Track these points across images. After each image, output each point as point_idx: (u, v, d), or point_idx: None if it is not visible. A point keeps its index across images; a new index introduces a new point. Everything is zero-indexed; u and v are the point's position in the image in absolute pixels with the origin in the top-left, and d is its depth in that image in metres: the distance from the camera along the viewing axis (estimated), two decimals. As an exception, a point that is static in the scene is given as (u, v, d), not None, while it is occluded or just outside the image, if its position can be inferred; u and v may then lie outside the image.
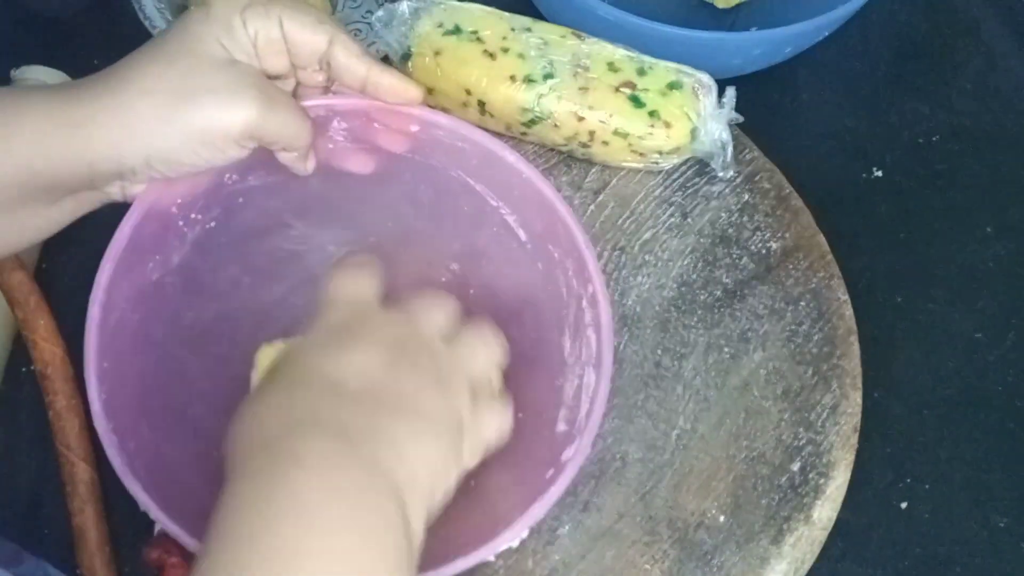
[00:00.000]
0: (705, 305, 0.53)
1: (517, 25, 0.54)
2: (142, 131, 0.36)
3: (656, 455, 0.49)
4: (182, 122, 0.36)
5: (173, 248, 0.42)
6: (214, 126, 0.37)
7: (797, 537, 0.47)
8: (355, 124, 0.43)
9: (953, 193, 0.61)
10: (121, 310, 0.39)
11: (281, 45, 0.39)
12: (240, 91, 0.37)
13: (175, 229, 0.42)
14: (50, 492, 0.47)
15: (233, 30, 0.38)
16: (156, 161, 0.37)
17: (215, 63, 0.37)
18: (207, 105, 0.36)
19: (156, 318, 0.42)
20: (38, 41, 0.61)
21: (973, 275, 0.58)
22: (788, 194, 0.56)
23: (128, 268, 0.39)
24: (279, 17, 0.38)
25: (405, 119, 0.43)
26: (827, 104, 0.64)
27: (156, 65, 0.37)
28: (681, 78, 0.53)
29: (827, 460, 0.49)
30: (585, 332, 0.42)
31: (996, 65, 0.66)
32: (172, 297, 0.43)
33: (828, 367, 0.51)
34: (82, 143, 0.36)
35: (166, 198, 0.40)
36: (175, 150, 0.37)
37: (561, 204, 0.42)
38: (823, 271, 0.54)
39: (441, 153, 0.44)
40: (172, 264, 0.42)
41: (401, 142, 0.44)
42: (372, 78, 0.41)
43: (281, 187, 0.44)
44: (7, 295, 0.49)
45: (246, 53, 0.38)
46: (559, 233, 0.42)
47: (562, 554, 0.46)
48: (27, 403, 0.50)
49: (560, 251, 0.43)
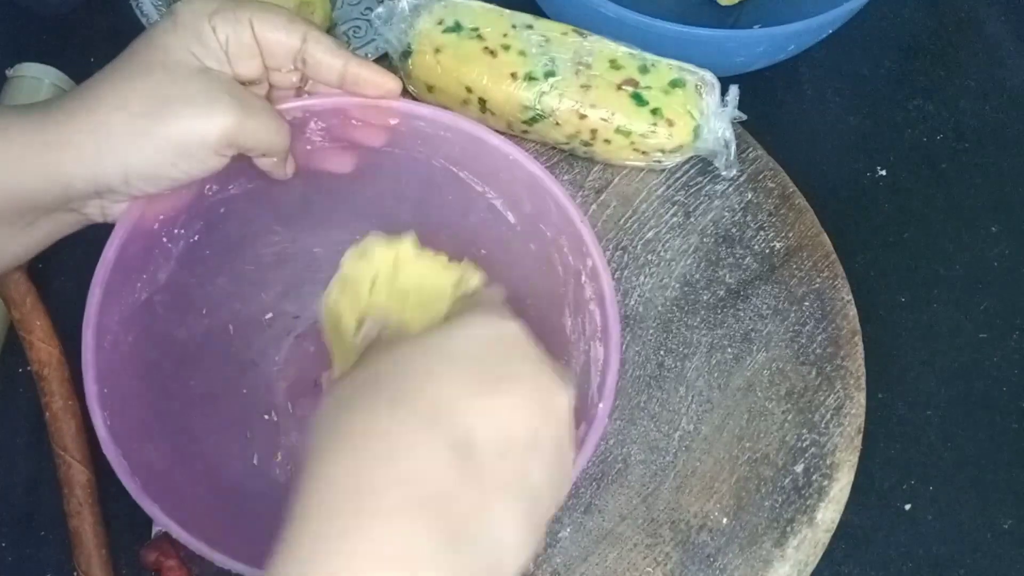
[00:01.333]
0: (708, 305, 0.52)
1: (518, 22, 0.54)
2: (118, 147, 0.35)
3: (658, 457, 0.48)
4: (159, 134, 0.35)
5: (159, 265, 0.42)
6: (192, 136, 0.36)
7: (800, 539, 0.46)
8: (333, 123, 0.42)
9: (957, 192, 0.60)
10: (114, 333, 0.39)
11: (253, 48, 0.38)
12: (216, 99, 0.36)
13: (159, 246, 0.41)
14: (47, 494, 0.47)
15: (203, 37, 0.37)
16: (134, 177, 0.36)
17: (187, 72, 0.36)
18: (183, 115, 0.36)
19: (148, 338, 0.41)
20: (35, 39, 0.61)
21: (977, 275, 0.58)
22: (792, 193, 0.56)
23: (117, 289, 0.39)
24: (249, 20, 0.38)
25: (384, 113, 0.42)
26: (831, 102, 0.64)
27: (128, 79, 0.36)
28: (684, 76, 0.53)
29: (831, 462, 0.48)
30: (587, 307, 0.41)
31: (1000, 63, 0.66)
32: (162, 315, 0.42)
33: (832, 368, 0.51)
34: (57, 163, 0.35)
35: (148, 216, 0.40)
36: (153, 164, 0.36)
37: (552, 182, 0.41)
38: (827, 271, 0.54)
39: (422, 144, 0.43)
40: (159, 282, 0.42)
41: (380, 136, 0.43)
42: (350, 71, 0.40)
43: (262, 194, 0.44)
44: (3, 295, 0.49)
45: (217, 60, 0.37)
46: (551, 211, 0.42)
47: (563, 556, 0.46)
48: (24, 404, 0.49)
49: (553, 229, 0.42)
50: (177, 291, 0.43)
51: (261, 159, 0.40)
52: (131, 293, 0.40)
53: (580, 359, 0.41)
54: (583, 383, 0.40)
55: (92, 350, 0.37)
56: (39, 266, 0.53)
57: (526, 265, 0.44)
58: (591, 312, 0.41)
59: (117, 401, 0.37)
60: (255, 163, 0.40)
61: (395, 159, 0.44)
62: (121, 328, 0.39)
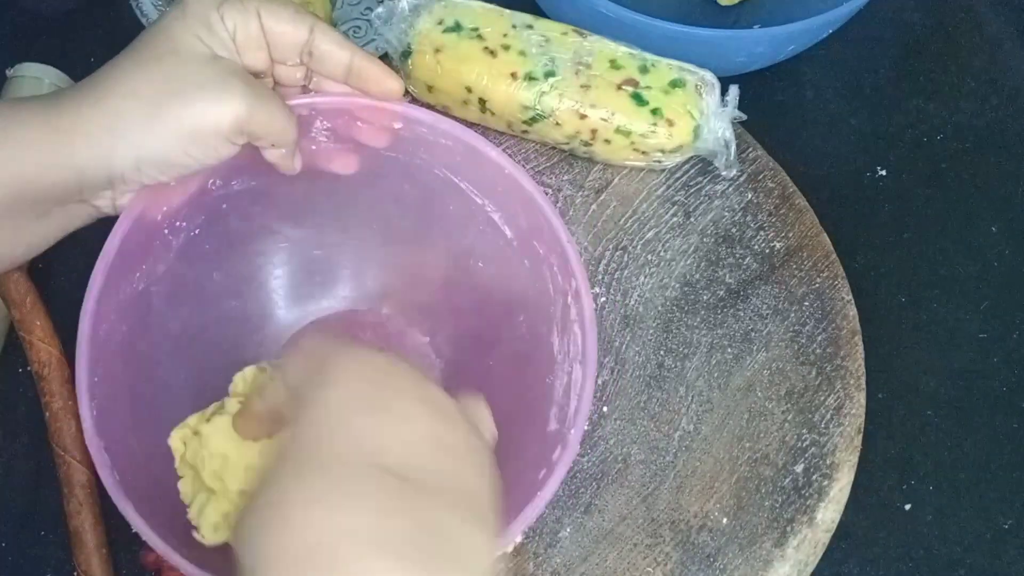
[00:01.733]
0: (708, 305, 0.52)
1: (518, 22, 0.54)
2: (131, 134, 0.35)
3: (658, 457, 0.48)
4: (172, 120, 0.36)
5: (159, 257, 0.42)
6: (205, 122, 0.36)
7: (800, 539, 0.46)
8: (338, 123, 0.43)
9: (957, 192, 0.60)
10: (110, 322, 0.39)
11: (260, 39, 0.38)
12: (228, 85, 0.36)
13: (160, 238, 0.41)
14: (47, 493, 0.47)
15: (211, 26, 0.37)
16: (147, 164, 0.36)
17: (198, 59, 0.36)
18: (196, 101, 0.36)
19: (143, 328, 0.41)
20: (35, 39, 0.61)
21: (978, 275, 0.58)
22: (792, 193, 0.56)
23: (117, 279, 0.39)
24: (256, 11, 0.38)
25: (388, 116, 0.42)
26: (831, 102, 0.64)
27: (139, 67, 0.36)
28: (684, 76, 0.53)
29: (831, 461, 0.48)
30: (571, 328, 0.41)
31: (1001, 63, 0.66)
32: (158, 307, 0.42)
33: (832, 368, 0.51)
34: (70, 151, 0.35)
35: (153, 207, 0.40)
36: (166, 151, 0.36)
37: (543, 199, 0.41)
38: (827, 271, 0.54)
39: (425, 151, 0.43)
40: (157, 273, 0.42)
41: (384, 138, 0.43)
42: (356, 64, 0.40)
43: (265, 192, 0.44)
44: (4, 295, 0.49)
45: (226, 48, 0.38)
46: (543, 229, 0.42)
47: (563, 556, 0.46)
48: (24, 403, 0.49)
49: (545, 247, 0.43)
50: (175, 284, 0.43)
51: (270, 151, 0.40)
52: (129, 283, 0.40)
53: (563, 379, 0.41)
54: (563, 404, 0.40)
55: (88, 339, 0.37)
56: (39, 266, 0.53)
57: (521, 281, 0.44)
58: (575, 334, 0.41)
59: (106, 391, 0.37)
60: (264, 155, 0.40)
61: (398, 164, 0.44)
62: (117, 317, 0.39)
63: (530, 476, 0.38)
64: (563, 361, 0.42)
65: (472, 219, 0.45)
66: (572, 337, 0.41)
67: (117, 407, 0.38)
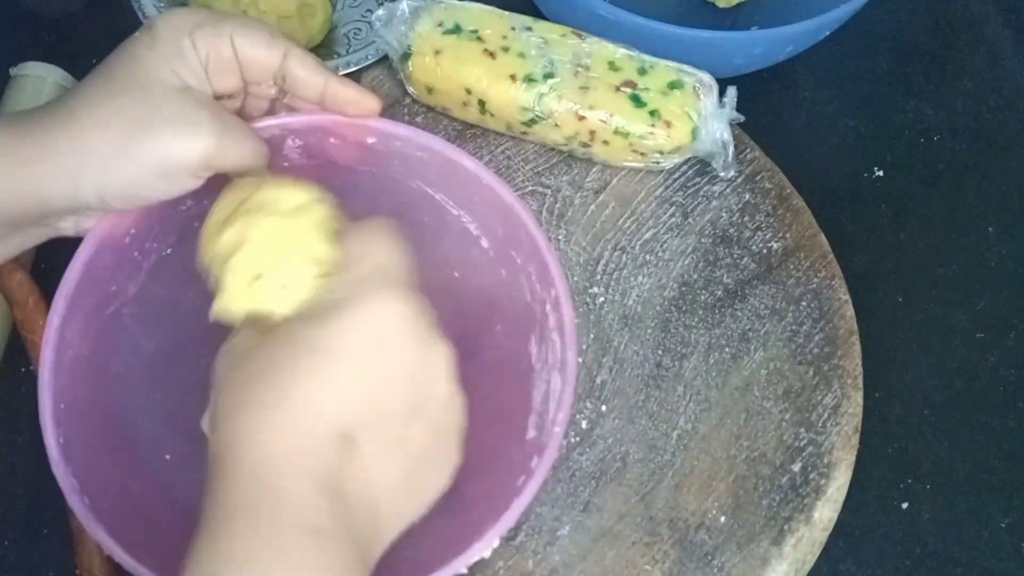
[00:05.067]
0: (706, 305, 0.53)
1: (517, 24, 0.54)
2: (97, 166, 0.35)
3: (657, 455, 0.48)
4: (139, 155, 0.35)
5: (129, 278, 0.41)
6: (172, 157, 0.35)
7: (798, 538, 0.47)
8: (310, 140, 0.42)
9: (954, 193, 0.61)
10: (76, 347, 0.38)
11: (233, 64, 0.38)
12: (196, 120, 0.36)
13: (130, 259, 0.41)
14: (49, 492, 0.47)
15: (183, 53, 0.36)
16: (111, 196, 0.36)
17: (168, 91, 0.36)
18: (164, 136, 0.35)
19: (114, 350, 0.41)
20: (38, 40, 0.61)
21: (974, 275, 0.58)
22: (789, 194, 0.56)
23: (82, 303, 0.38)
24: (230, 36, 0.37)
25: (362, 131, 0.42)
26: (828, 103, 0.64)
27: (108, 97, 0.36)
28: (682, 77, 0.53)
29: (828, 460, 0.49)
30: (550, 337, 0.41)
31: (997, 64, 0.66)
32: (131, 328, 0.42)
33: (829, 367, 0.51)
34: (35, 180, 0.35)
35: (119, 229, 0.39)
36: (131, 184, 0.35)
37: (522, 208, 0.41)
38: (824, 271, 0.54)
39: (399, 164, 0.43)
40: (128, 294, 0.41)
41: (358, 155, 0.43)
42: (330, 90, 0.40)
43: None
44: (6, 295, 0.49)
45: (197, 77, 0.37)
46: (521, 238, 0.42)
47: (562, 555, 0.46)
48: (26, 403, 0.50)
49: (522, 256, 0.43)
50: (147, 304, 0.42)
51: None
52: (98, 306, 0.40)
53: (542, 388, 0.41)
54: (542, 411, 0.41)
55: (50, 369, 0.37)
56: (41, 266, 0.53)
57: (497, 290, 0.44)
58: (553, 342, 0.41)
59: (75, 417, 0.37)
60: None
61: (372, 178, 0.44)
62: (85, 341, 0.39)
63: (509, 483, 0.39)
64: (541, 370, 0.42)
65: (448, 230, 0.45)
66: (551, 345, 0.41)
67: (88, 431, 0.38)
